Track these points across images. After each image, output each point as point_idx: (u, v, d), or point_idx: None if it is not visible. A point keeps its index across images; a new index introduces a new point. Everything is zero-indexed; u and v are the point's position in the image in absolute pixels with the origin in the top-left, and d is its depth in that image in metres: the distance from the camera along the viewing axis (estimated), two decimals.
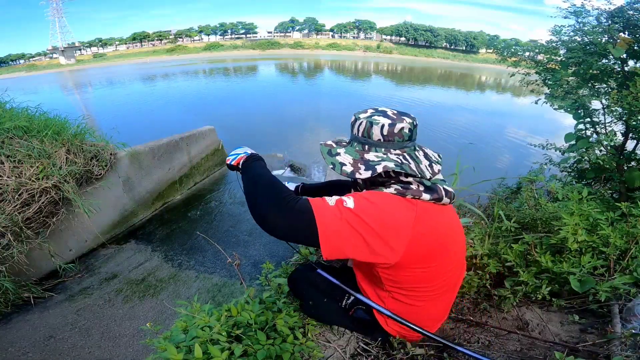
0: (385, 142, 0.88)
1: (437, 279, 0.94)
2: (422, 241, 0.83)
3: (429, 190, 0.86)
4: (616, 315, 1.12)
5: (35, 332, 2.01)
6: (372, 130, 0.88)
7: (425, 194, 0.85)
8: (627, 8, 2.36)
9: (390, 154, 0.87)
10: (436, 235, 0.86)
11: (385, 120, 0.87)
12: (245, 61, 45.10)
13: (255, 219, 0.81)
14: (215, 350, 0.83)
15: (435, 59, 69.23)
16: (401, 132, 0.87)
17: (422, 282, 0.93)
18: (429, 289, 0.95)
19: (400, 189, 0.85)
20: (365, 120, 0.89)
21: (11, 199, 2.14)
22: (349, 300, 1.10)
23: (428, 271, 0.90)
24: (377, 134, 0.88)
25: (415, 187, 0.86)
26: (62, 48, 64.66)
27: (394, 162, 0.84)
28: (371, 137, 0.89)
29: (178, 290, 2.48)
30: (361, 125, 0.90)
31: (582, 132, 2.73)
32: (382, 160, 0.85)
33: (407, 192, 0.84)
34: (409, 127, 0.88)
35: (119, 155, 3.09)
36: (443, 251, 0.90)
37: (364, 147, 0.90)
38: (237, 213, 3.76)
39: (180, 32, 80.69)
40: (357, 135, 0.92)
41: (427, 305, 0.99)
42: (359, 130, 0.91)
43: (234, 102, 13.80)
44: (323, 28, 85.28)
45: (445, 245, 0.90)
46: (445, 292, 1.01)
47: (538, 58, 3.19)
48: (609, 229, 1.30)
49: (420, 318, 1.01)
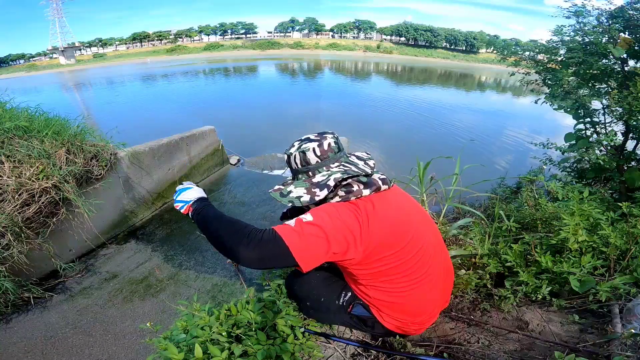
0: (322, 162, 1.01)
1: (410, 262, 0.96)
2: (374, 229, 0.90)
3: (367, 186, 0.96)
4: (616, 315, 1.12)
5: (35, 332, 2.01)
6: (306, 157, 1.01)
7: (365, 189, 0.95)
8: (628, 8, 2.35)
9: (332, 168, 1.00)
10: (386, 219, 0.93)
11: (312, 144, 1.01)
12: (245, 61, 45.11)
13: (229, 258, 0.92)
14: (216, 350, 0.83)
15: (435, 59, 69.19)
16: (330, 147, 1.01)
17: (395, 270, 0.96)
18: (406, 275, 0.97)
19: (343, 194, 0.95)
20: (298, 152, 1.02)
21: (11, 199, 2.14)
22: (346, 297, 1.11)
23: (396, 255, 0.94)
24: (312, 157, 1.01)
25: (356, 187, 0.96)
26: (62, 48, 64.65)
27: (340, 172, 0.97)
28: (310, 163, 1.01)
29: (178, 290, 2.48)
30: (296, 158, 1.03)
31: (582, 132, 2.74)
32: (329, 176, 0.97)
33: (351, 194, 0.94)
34: (333, 140, 1.03)
35: (119, 155, 3.08)
36: (402, 230, 0.95)
37: (308, 174, 1.02)
38: (237, 213, 3.75)
39: (180, 32, 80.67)
40: (297, 168, 1.04)
41: (412, 295, 1.00)
42: (297, 163, 1.03)
43: (234, 102, 13.79)
44: (323, 28, 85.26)
45: (402, 224, 0.97)
46: (427, 278, 1.01)
47: (538, 58, 3.18)
48: (609, 229, 1.30)
49: (410, 310, 1.03)
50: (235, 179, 4.86)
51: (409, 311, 1.03)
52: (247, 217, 3.62)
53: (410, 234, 0.97)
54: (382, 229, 0.92)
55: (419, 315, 1.06)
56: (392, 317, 1.05)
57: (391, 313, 1.04)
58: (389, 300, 1.02)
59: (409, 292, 0.99)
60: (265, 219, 3.58)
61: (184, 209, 1.04)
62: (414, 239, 0.97)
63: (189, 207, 1.03)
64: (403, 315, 1.04)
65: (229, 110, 12.03)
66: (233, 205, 3.97)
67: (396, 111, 12.00)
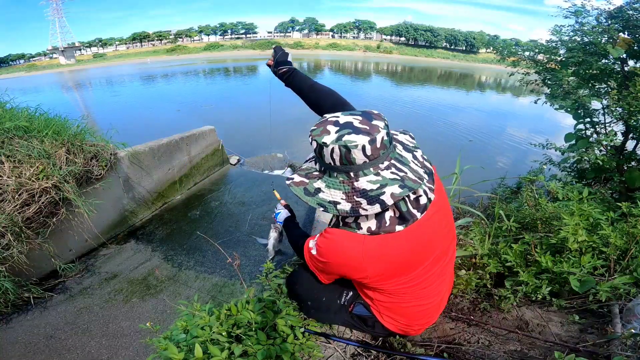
0: (371, 162, 0.75)
1: (423, 281, 0.95)
2: (380, 268, 0.87)
3: (403, 221, 0.81)
4: (616, 315, 1.12)
5: (35, 332, 2.01)
6: (351, 155, 0.73)
7: (399, 225, 0.81)
8: (627, 8, 2.36)
9: (381, 172, 0.76)
10: (396, 258, 0.87)
11: (362, 138, 0.73)
12: (245, 61, 45.08)
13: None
14: (216, 350, 0.83)
15: (435, 59, 69.19)
16: (382, 143, 0.75)
17: (404, 284, 0.94)
18: (414, 287, 0.96)
19: (372, 228, 0.81)
20: (338, 146, 0.73)
21: (11, 199, 2.14)
22: (347, 297, 1.11)
23: (409, 279, 0.93)
24: (360, 157, 0.74)
25: (389, 219, 0.81)
26: (62, 48, 64.65)
27: (398, 184, 0.75)
28: (354, 163, 0.75)
29: (178, 290, 2.48)
30: (334, 153, 0.75)
31: (582, 132, 2.74)
32: (382, 186, 0.74)
33: (381, 229, 0.81)
34: (385, 131, 0.77)
35: (119, 155, 3.08)
36: (421, 258, 0.91)
37: (349, 176, 0.76)
38: (237, 213, 3.76)
39: (180, 32, 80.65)
40: (333, 165, 0.77)
41: (417, 302, 1.00)
42: (333, 160, 0.76)
43: (234, 102, 13.79)
44: (323, 28, 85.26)
45: (423, 250, 0.90)
46: (436, 289, 1.02)
47: (538, 58, 3.19)
48: (609, 229, 1.30)
49: (412, 314, 1.03)
50: (235, 179, 4.86)
51: (411, 315, 1.03)
52: (247, 217, 3.63)
53: (430, 257, 0.93)
54: (393, 262, 0.87)
55: (420, 319, 1.06)
56: (393, 319, 1.05)
57: (392, 315, 1.04)
58: (392, 304, 1.01)
59: (414, 300, 0.99)
60: (265, 219, 3.58)
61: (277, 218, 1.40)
62: (432, 260, 0.94)
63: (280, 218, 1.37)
64: (404, 318, 1.04)
65: (229, 109, 12.02)
66: (233, 205, 3.97)
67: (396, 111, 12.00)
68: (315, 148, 0.79)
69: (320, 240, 0.90)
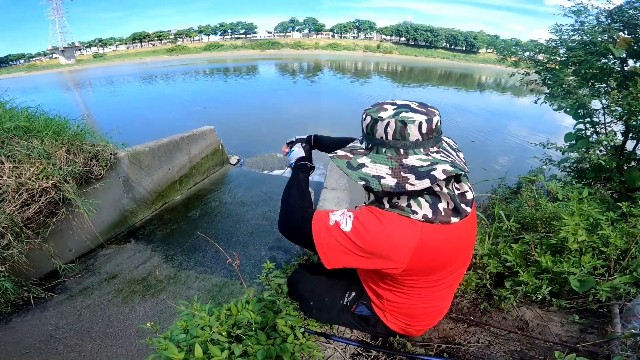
0: (423, 142, 0.76)
1: (440, 284, 0.94)
2: (423, 260, 0.80)
3: (457, 213, 0.79)
4: (616, 315, 1.12)
5: (35, 332, 2.01)
6: (406, 130, 0.75)
7: (454, 217, 0.79)
8: (627, 7, 2.35)
9: (432, 153, 0.77)
10: (442, 252, 0.82)
11: (420, 116, 0.75)
12: (245, 61, 45.10)
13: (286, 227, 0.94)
14: (216, 350, 0.83)
15: (435, 59, 69.24)
16: (437, 126, 0.77)
17: (420, 285, 0.93)
18: (428, 289, 0.95)
19: (429, 216, 0.77)
20: (395, 120, 0.75)
21: (11, 199, 2.14)
22: (350, 297, 1.10)
23: (430, 280, 0.90)
24: (415, 133, 0.75)
25: (443, 209, 0.78)
26: (62, 48, 64.66)
27: (449, 164, 0.74)
28: (407, 139, 0.75)
29: (178, 290, 2.48)
30: (389, 127, 0.76)
31: (582, 132, 2.74)
32: (433, 164, 0.74)
33: (437, 218, 0.77)
34: (439, 118, 0.79)
35: (119, 155, 3.08)
36: (447, 263, 0.88)
37: (398, 152, 0.77)
38: (237, 213, 3.75)
39: (180, 32, 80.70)
40: (384, 140, 0.77)
41: (425, 304, 1.00)
42: (386, 134, 0.77)
43: (234, 102, 13.79)
44: (323, 28, 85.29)
45: (451, 258, 0.87)
46: (445, 291, 1.01)
47: (538, 58, 3.19)
48: (609, 229, 1.30)
49: (417, 314, 1.02)
50: (235, 178, 4.86)
51: (417, 315, 1.02)
52: (247, 217, 3.62)
53: (460, 259, 0.92)
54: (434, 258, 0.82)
55: (425, 320, 1.05)
56: (397, 319, 1.05)
57: (397, 315, 1.04)
58: (401, 304, 0.99)
59: (425, 302, 0.98)
60: (265, 219, 3.58)
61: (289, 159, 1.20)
62: (455, 266, 0.93)
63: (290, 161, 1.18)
64: (409, 318, 1.03)
65: (229, 110, 12.03)
66: (233, 205, 3.97)
67: None
68: (367, 124, 0.80)
69: (362, 216, 0.79)
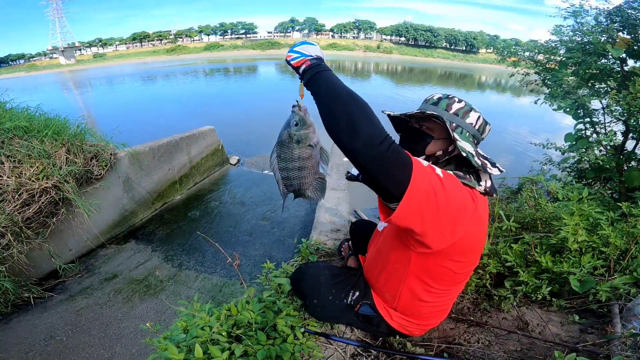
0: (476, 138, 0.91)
1: (459, 274, 0.95)
2: (470, 233, 0.83)
3: (493, 190, 0.91)
4: (616, 315, 1.12)
5: (35, 332, 2.01)
6: (486, 128, 0.92)
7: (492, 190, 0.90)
8: (626, 7, 2.35)
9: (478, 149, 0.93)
10: (479, 229, 0.87)
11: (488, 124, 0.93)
12: (245, 61, 45.09)
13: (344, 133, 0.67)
14: (216, 350, 0.83)
15: (435, 59, 69.20)
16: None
17: (446, 274, 0.93)
18: (448, 282, 0.96)
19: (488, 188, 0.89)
20: (482, 118, 0.91)
21: (11, 199, 2.14)
22: (354, 297, 1.11)
23: (457, 265, 0.91)
24: (486, 133, 0.94)
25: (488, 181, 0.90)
26: (62, 48, 64.65)
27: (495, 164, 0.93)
28: (482, 135, 0.92)
29: (178, 290, 2.48)
30: (479, 120, 0.90)
31: (582, 132, 2.73)
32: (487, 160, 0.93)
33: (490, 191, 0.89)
34: None
35: (119, 155, 3.08)
36: (477, 246, 0.91)
37: (474, 141, 0.90)
38: (237, 213, 3.75)
39: (180, 32, 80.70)
40: (471, 127, 0.89)
41: (438, 302, 1.00)
42: (475, 123, 0.90)
43: (234, 102, 13.78)
44: (323, 28, 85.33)
45: (481, 240, 0.92)
46: (457, 291, 1.03)
47: (538, 58, 3.18)
48: (609, 229, 1.30)
49: (425, 313, 1.03)
50: (235, 178, 4.86)
51: (424, 315, 1.03)
52: (247, 217, 3.62)
53: (480, 248, 0.95)
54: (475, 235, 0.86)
55: (430, 319, 1.06)
56: (402, 319, 1.05)
57: (403, 316, 1.04)
58: (430, 302, 0.99)
59: (438, 299, 0.99)
60: (265, 219, 3.58)
61: (297, 60, 0.82)
62: (477, 253, 0.95)
63: (305, 61, 0.81)
64: (416, 318, 1.04)
65: (229, 110, 12.02)
66: (233, 205, 3.97)
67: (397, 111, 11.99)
68: (462, 108, 0.89)
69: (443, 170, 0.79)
